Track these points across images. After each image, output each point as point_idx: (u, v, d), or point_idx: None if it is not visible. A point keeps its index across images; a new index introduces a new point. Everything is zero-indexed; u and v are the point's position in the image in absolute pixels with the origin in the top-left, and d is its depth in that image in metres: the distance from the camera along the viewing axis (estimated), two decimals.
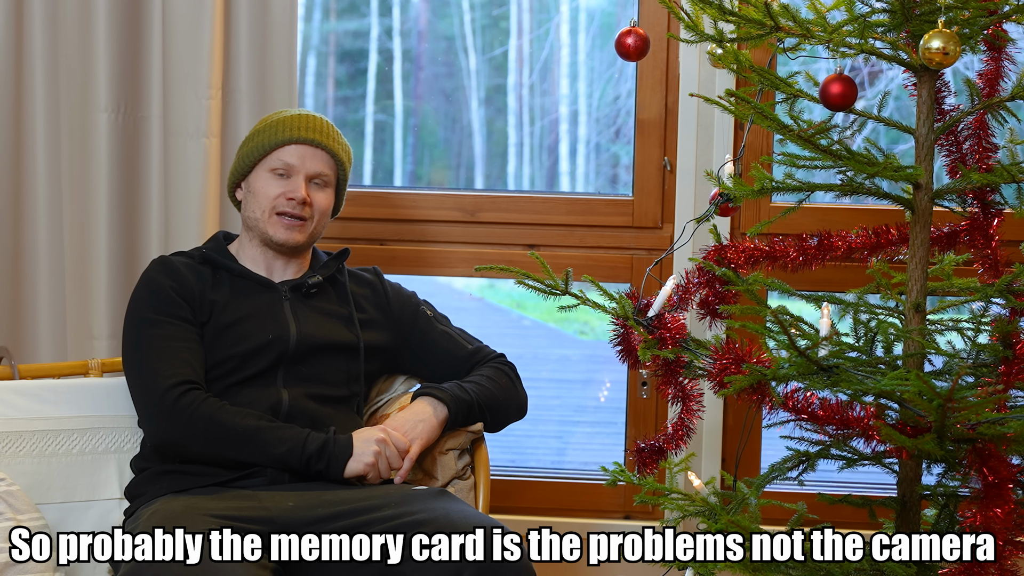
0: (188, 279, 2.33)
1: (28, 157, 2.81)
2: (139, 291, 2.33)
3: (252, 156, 2.38)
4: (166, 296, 2.30)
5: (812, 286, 2.55)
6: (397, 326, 2.45)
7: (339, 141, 2.42)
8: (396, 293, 2.49)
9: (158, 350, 2.25)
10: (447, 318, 2.52)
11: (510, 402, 2.42)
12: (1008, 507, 1.84)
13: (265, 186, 2.36)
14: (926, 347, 2.04)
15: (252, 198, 2.38)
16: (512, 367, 2.47)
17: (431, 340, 2.46)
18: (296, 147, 2.36)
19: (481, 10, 4.20)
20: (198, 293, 2.32)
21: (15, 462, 2.28)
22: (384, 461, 2.22)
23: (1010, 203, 2.12)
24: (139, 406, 2.26)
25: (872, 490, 3.05)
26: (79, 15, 2.76)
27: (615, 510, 3.04)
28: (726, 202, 2.20)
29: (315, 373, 2.33)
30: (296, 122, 2.38)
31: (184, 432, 2.18)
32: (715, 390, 2.01)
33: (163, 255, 2.40)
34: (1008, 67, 2.09)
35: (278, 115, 2.41)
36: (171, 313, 2.28)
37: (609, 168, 4.34)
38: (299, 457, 2.18)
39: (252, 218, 2.38)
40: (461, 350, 2.46)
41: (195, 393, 2.20)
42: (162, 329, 2.27)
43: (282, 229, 2.36)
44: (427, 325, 2.47)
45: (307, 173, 2.37)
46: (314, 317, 2.36)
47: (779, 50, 2.04)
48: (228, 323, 2.31)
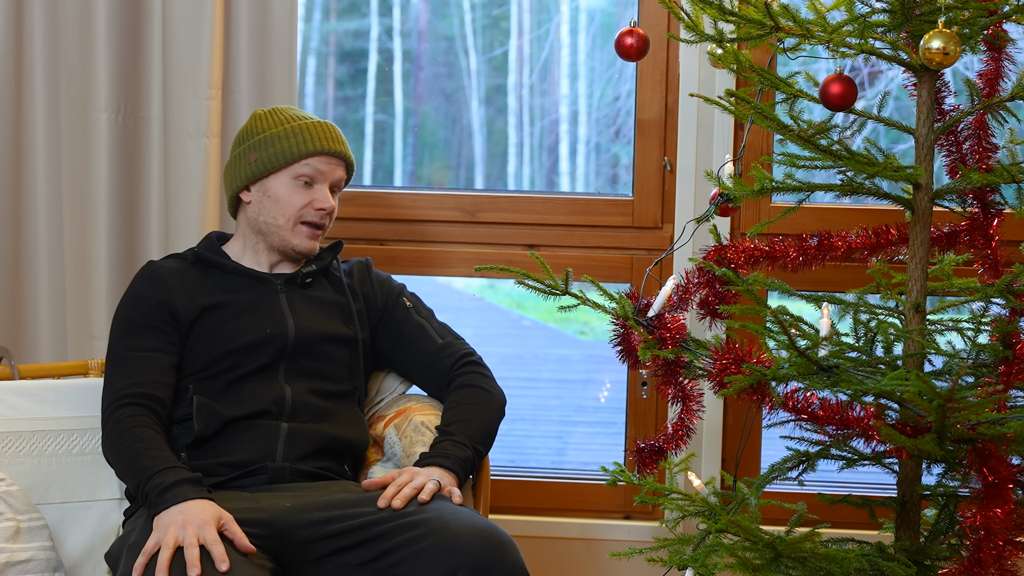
0: (171, 283, 2.31)
1: (28, 157, 2.81)
2: (122, 299, 2.34)
3: (277, 160, 2.34)
4: (142, 306, 2.29)
5: (812, 286, 2.55)
6: (374, 312, 2.44)
7: (348, 148, 2.44)
8: (381, 282, 2.47)
9: (119, 362, 2.25)
10: (431, 311, 2.49)
11: (494, 419, 2.35)
12: (1008, 507, 1.84)
13: (290, 194, 2.34)
14: (926, 347, 2.04)
15: (272, 204, 2.36)
16: (482, 366, 2.41)
17: (403, 331, 2.43)
18: (325, 158, 2.36)
19: (481, 10, 4.20)
20: (184, 295, 2.30)
21: (15, 462, 2.28)
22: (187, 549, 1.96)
23: (1010, 203, 2.12)
24: None
25: (872, 490, 3.05)
26: (79, 15, 2.76)
27: (615, 510, 3.04)
28: (726, 202, 2.20)
29: (316, 367, 2.33)
30: (322, 131, 2.37)
31: (105, 445, 2.19)
32: (715, 390, 2.01)
33: (152, 260, 2.40)
34: (1008, 67, 2.09)
35: (296, 120, 2.38)
36: (144, 323, 2.28)
37: (609, 168, 4.34)
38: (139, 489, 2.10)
39: (271, 223, 2.36)
40: (430, 345, 2.41)
41: (127, 410, 2.18)
42: (130, 339, 2.27)
43: (306, 239, 2.36)
44: (403, 315, 2.44)
45: (331, 182, 2.38)
46: (311, 308, 2.36)
47: (779, 50, 2.04)
48: (224, 320, 2.30)
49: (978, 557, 1.85)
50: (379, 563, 2.03)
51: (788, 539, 1.94)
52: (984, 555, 1.84)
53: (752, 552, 1.98)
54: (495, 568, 1.98)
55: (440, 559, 1.98)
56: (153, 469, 2.07)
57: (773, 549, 1.93)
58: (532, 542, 2.86)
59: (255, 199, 2.38)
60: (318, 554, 2.07)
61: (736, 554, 1.99)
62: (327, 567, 2.07)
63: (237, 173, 2.39)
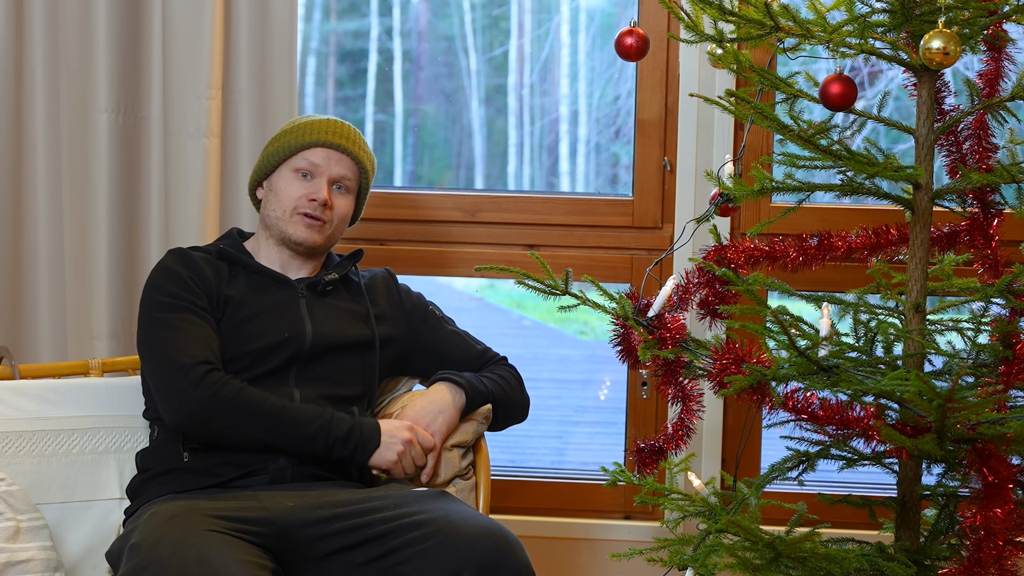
0: (205, 271, 2.33)
1: (28, 157, 2.81)
2: (155, 277, 2.32)
3: (277, 156, 2.39)
4: (184, 284, 2.29)
5: (812, 286, 2.55)
6: (409, 323, 2.46)
7: (364, 149, 2.44)
8: (407, 293, 2.52)
9: (178, 331, 2.23)
10: (452, 319, 2.54)
11: (517, 402, 2.45)
12: (1008, 507, 1.84)
13: (287, 186, 2.37)
14: (926, 347, 2.04)
15: (274, 197, 2.39)
16: (517, 371, 2.50)
17: (442, 339, 2.48)
18: (322, 149, 2.38)
19: (481, 10, 4.20)
20: (214, 287, 2.32)
21: (15, 462, 2.28)
22: (408, 460, 2.25)
23: (1010, 203, 2.12)
24: (160, 386, 2.22)
25: (872, 490, 3.05)
26: (79, 15, 2.76)
27: (615, 510, 3.04)
28: (726, 202, 2.20)
29: (328, 373, 2.33)
30: (324, 126, 2.40)
31: (209, 410, 2.17)
32: (715, 390, 2.01)
33: (179, 247, 2.41)
34: (1008, 67, 2.09)
35: (307, 118, 2.44)
36: (189, 300, 2.28)
37: (609, 168, 4.34)
38: (324, 440, 2.19)
39: (272, 216, 2.39)
40: (472, 349, 2.49)
41: (218, 374, 2.20)
42: (180, 313, 2.26)
43: (302, 228, 2.36)
44: (437, 325, 2.49)
45: (330, 176, 2.38)
46: (330, 315, 2.37)
47: (779, 50, 2.03)
48: (243, 319, 2.31)
49: (978, 557, 1.85)
50: (383, 562, 2.03)
51: (788, 539, 1.94)
52: (984, 555, 1.84)
53: (752, 552, 1.98)
54: (502, 568, 1.98)
55: (446, 558, 1.98)
56: (325, 418, 2.21)
57: (773, 549, 1.93)
58: (532, 542, 2.86)
59: (264, 195, 2.43)
60: (321, 553, 2.07)
61: (736, 554, 1.99)
62: (330, 566, 2.07)
63: (253, 172, 2.46)
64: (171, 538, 1.96)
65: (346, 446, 2.20)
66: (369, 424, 2.24)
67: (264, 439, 2.19)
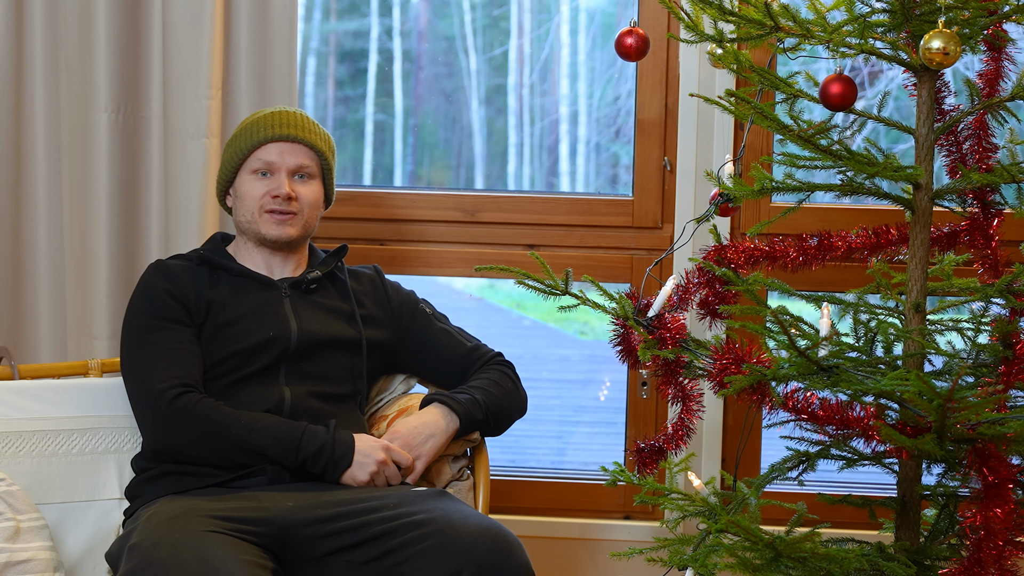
0: (183, 280, 2.33)
1: (28, 157, 2.80)
2: (135, 297, 2.35)
3: (233, 161, 2.40)
4: (161, 300, 2.30)
5: (812, 286, 2.55)
6: (397, 323, 2.45)
7: (316, 132, 2.42)
8: (396, 291, 2.50)
9: (153, 355, 2.25)
10: (446, 317, 2.53)
11: (513, 406, 2.43)
12: (1008, 507, 1.84)
13: (249, 188, 2.38)
14: (926, 347, 2.04)
15: (240, 202, 2.40)
16: (511, 367, 2.48)
17: (431, 337, 2.46)
18: (273, 145, 2.37)
19: (481, 10, 4.20)
20: (194, 294, 2.32)
21: (15, 462, 2.28)
22: (382, 479, 2.22)
23: (1010, 203, 2.12)
24: (136, 412, 2.27)
25: (872, 490, 3.05)
26: (79, 15, 2.76)
27: (615, 510, 3.04)
28: (726, 202, 2.20)
29: (317, 370, 2.33)
30: (270, 120, 2.39)
31: (180, 435, 2.19)
32: (715, 390, 2.01)
33: (159, 259, 2.41)
34: (1008, 67, 2.09)
35: (256, 115, 2.43)
36: (166, 317, 2.29)
37: (609, 168, 4.34)
38: (294, 459, 2.18)
39: (244, 221, 2.39)
40: (460, 347, 2.46)
41: (189, 396, 2.20)
42: (157, 334, 2.28)
43: (273, 225, 2.37)
44: (426, 322, 2.48)
45: (288, 168, 2.38)
46: (315, 313, 2.37)
47: (779, 50, 2.03)
48: (228, 321, 2.31)
49: (978, 557, 1.85)
50: (383, 562, 2.03)
51: (788, 539, 1.94)
52: (984, 555, 1.84)
53: (752, 552, 1.98)
54: (502, 567, 1.98)
55: (446, 558, 1.98)
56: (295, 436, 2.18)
57: (773, 549, 1.93)
58: (532, 542, 2.86)
59: (233, 203, 2.44)
60: (321, 552, 2.07)
61: (736, 554, 1.99)
62: (330, 566, 2.07)
63: (217, 181, 2.47)
64: (171, 538, 1.96)
65: (316, 464, 2.19)
66: (343, 441, 2.21)
67: (236, 458, 2.19)
